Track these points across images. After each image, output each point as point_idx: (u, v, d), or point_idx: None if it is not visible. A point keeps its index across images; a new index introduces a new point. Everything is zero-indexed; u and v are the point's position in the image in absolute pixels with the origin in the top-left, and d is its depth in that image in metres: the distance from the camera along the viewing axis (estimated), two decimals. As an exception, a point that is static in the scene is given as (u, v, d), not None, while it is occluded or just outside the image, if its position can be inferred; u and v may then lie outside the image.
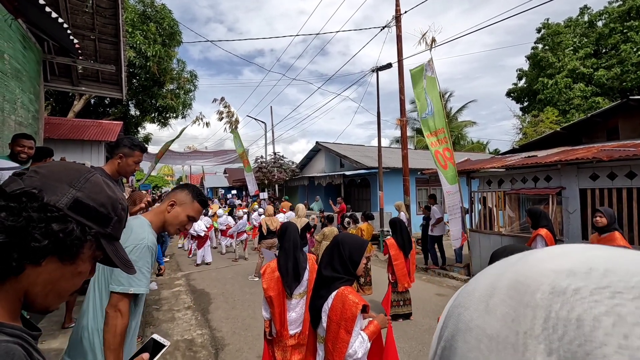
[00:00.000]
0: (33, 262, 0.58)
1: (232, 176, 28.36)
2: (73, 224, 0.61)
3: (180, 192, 1.71)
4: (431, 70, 7.24)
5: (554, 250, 0.31)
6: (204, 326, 4.83)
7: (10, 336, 0.56)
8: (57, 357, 3.08)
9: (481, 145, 26.54)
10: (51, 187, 0.60)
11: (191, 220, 1.71)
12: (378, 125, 11.14)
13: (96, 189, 0.66)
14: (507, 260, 0.33)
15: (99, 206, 0.65)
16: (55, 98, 12.50)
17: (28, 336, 0.60)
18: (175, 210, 1.66)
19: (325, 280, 1.87)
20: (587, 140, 7.89)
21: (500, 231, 7.03)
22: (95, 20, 5.47)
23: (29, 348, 0.57)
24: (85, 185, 0.64)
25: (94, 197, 0.65)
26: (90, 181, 0.65)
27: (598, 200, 5.47)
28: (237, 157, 15.43)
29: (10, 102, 4.19)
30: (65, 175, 0.63)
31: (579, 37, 19.93)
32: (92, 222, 0.64)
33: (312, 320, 1.93)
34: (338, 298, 1.78)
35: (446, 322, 0.33)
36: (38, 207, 0.58)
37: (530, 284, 0.27)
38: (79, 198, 0.62)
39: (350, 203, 14.89)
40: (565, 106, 18.89)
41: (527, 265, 0.30)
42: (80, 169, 0.67)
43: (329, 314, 1.79)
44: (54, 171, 0.63)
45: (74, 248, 0.62)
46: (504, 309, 0.28)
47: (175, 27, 12.74)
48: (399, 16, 9.55)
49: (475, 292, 0.31)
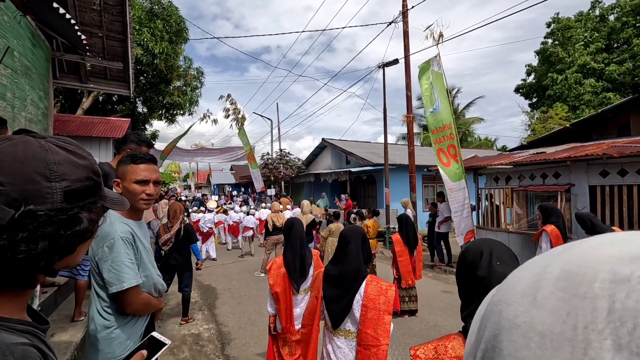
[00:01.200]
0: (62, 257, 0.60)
1: (239, 173, 28.49)
2: (79, 213, 0.60)
3: (118, 168, 1.62)
4: (438, 65, 7.17)
5: (606, 237, 0.28)
6: (210, 321, 4.88)
7: (22, 333, 0.56)
8: (67, 349, 3.14)
9: (489, 142, 26.29)
10: (31, 192, 0.54)
11: (144, 184, 1.59)
12: (384, 122, 11.08)
13: (68, 167, 0.59)
14: (551, 251, 0.30)
15: (84, 181, 0.61)
16: (64, 95, 12.64)
17: (38, 330, 0.60)
18: (122, 187, 1.58)
19: (350, 275, 1.89)
20: (597, 136, 7.76)
21: (507, 228, 6.96)
22: (102, 17, 5.51)
23: (42, 348, 0.58)
24: (57, 170, 0.58)
25: (75, 177, 0.60)
26: (57, 163, 0.58)
27: (608, 197, 5.39)
28: (244, 155, 15.48)
29: (21, 99, 4.25)
30: (30, 170, 0.55)
31: (590, 32, 19.55)
32: (88, 198, 0.62)
33: (336, 319, 1.89)
34: (371, 286, 1.84)
35: (484, 322, 0.30)
36: (44, 221, 0.54)
37: (585, 272, 0.25)
38: (66, 189, 0.58)
39: (356, 200, 14.87)
40: (575, 102, 18.59)
41: (578, 253, 0.27)
42: (33, 153, 0.57)
43: (364, 303, 1.82)
44: (14, 171, 0.54)
45: (91, 227, 0.63)
46: (555, 302, 0.25)
47: (182, 24, 12.78)
48: (406, 11, 9.46)
49: (518, 285, 0.29)
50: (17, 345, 0.52)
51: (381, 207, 11.40)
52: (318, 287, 2.06)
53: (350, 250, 1.94)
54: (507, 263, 1.10)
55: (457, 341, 1.12)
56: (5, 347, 0.51)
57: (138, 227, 1.64)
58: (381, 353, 1.78)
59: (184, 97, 14.01)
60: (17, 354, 0.51)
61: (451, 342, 1.12)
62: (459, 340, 1.12)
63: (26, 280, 0.57)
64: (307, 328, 2.33)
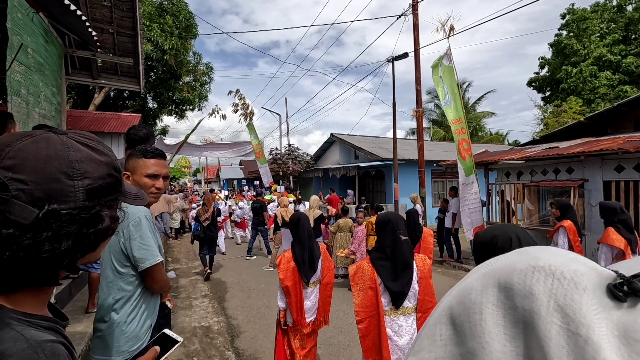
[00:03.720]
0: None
1: (247, 168, 28.63)
2: (101, 211, 0.59)
3: (128, 162, 1.66)
4: (448, 59, 7.07)
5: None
6: (220, 314, 4.95)
7: (48, 330, 0.57)
8: (81, 339, 3.22)
9: (500, 136, 25.88)
10: (54, 191, 0.54)
11: (154, 178, 1.65)
12: (393, 116, 10.99)
13: (90, 165, 0.59)
14: None
15: (106, 178, 0.61)
16: (76, 91, 12.83)
17: (60, 326, 0.61)
18: (132, 179, 1.63)
19: (407, 258, 2.07)
20: (612, 130, 7.57)
21: (518, 224, 6.87)
22: (113, 13, 5.56)
23: (66, 343, 0.59)
24: (80, 168, 0.57)
25: (97, 175, 0.59)
26: (79, 160, 0.57)
27: (623, 192, 5.27)
28: (253, 150, 15.54)
29: (34, 95, 4.32)
30: (53, 169, 0.54)
31: (606, 23, 19.00)
32: (110, 195, 0.62)
33: (399, 299, 2.05)
34: (418, 260, 2.14)
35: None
36: (68, 220, 0.54)
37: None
38: (88, 188, 0.57)
39: (364, 195, 14.84)
40: (590, 95, 18.14)
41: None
42: (56, 151, 0.56)
43: (419, 275, 2.09)
44: (37, 169, 0.53)
45: (112, 225, 0.63)
46: None
47: (192, 20, 12.82)
48: (416, 4, 9.33)
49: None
50: (46, 342, 0.53)
51: (390, 202, 11.36)
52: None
53: (399, 235, 2.10)
54: None
55: None
56: (37, 344, 0.52)
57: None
58: None
59: (193, 92, 14.11)
60: (48, 352, 0.52)
61: None
62: None
63: (50, 278, 0.58)
64: (319, 319, 2.59)
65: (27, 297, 0.57)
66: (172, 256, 8.90)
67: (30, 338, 0.52)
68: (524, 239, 1.28)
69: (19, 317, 0.54)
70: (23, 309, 0.56)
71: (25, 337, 0.51)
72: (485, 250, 1.32)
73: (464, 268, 7.28)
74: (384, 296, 2.06)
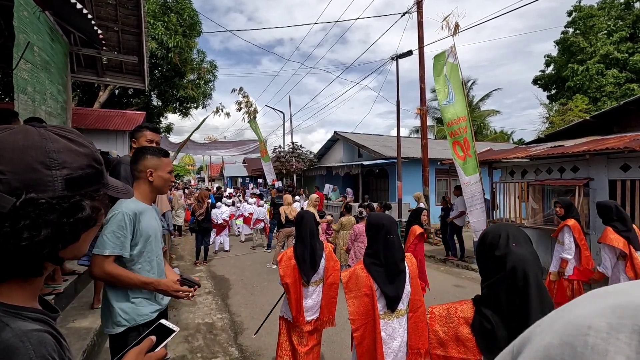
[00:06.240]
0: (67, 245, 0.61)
1: (251, 166, 28.69)
2: (81, 201, 0.60)
3: (146, 160, 1.87)
4: (453, 57, 7.03)
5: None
6: (223, 310, 4.98)
7: (35, 321, 0.58)
8: (87, 335, 3.26)
9: (505, 135, 25.72)
10: (32, 180, 0.55)
11: (172, 173, 2.00)
12: (397, 115, 10.95)
13: (69, 155, 0.60)
14: None
15: (85, 169, 0.62)
16: (81, 89, 12.92)
17: (49, 318, 0.62)
18: (156, 175, 1.88)
19: (399, 261, 2.05)
20: (618, 129, 7.49)
21: (522, 223, 6.84)
22: (118, 11, 5.59)
23: (55, 334, 0.60)
24: (57, 158, 0.58)
25: (75, 165, 0.60)
26: (57, 151, 0.59)
27: (629, 191, 5.23)
28: (257, 148, 15.58)
29: (40, 92, 4.35)
30: (30, 158, 0.56)
31: (613, 20, 18.78)
32: (90, 186, 0.63)
33: (394, 302, 2.01)
34: (407, 260, 2.12)
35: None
36: (46, 209, 0.55)
37: None
38: (67, 177, 0.58)
39: (368, 193, 14.81)
40: (597, 94, 17.96)
41: None
42: (33, 142, 0.57)
43: (410, 275, 2.09)
44: (14, 159, 0.55)
45: (94, 215, 0.63)
46: None
47: (196, 18, 12.85)
48: (421, 1, 9.28)
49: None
50: (32, 332, 0.55)
51: (393, 201, 11.33)
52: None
53: (392, 240, 2.08)
54: (521, 244, 1.27)
55: (467, 306, 1.36)
56: (22, 333, 0.53)
57: (149, 210, 1.89)
58: (423, 307, 2.11)
59: (197, 90, 14.16)
60: (34, 340, 0.54)
61: (462, 305, 1.37)
62: (469, 305, 1.35)
63: (33, 268, 0.58)
64: (322, 319, 2.59)
65: (14, 290, 0.58)
66: (176, 253, 8.96)
67: (16, 328, 0.53)
68: (514, 236, 1.29)
69: (5, 309, 0.55)
70: (10, 301, 0.57)
71: (10, 327, 0.53)
72: (481, 249, 1.35)
73: (468, 267, 7.27)
74: (379, 301, 2.02)
